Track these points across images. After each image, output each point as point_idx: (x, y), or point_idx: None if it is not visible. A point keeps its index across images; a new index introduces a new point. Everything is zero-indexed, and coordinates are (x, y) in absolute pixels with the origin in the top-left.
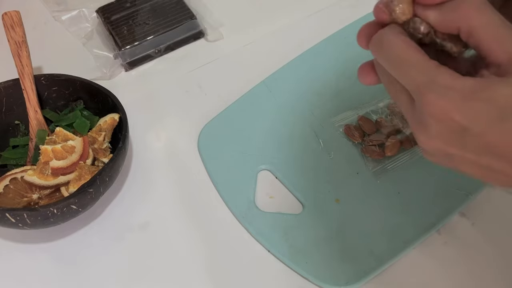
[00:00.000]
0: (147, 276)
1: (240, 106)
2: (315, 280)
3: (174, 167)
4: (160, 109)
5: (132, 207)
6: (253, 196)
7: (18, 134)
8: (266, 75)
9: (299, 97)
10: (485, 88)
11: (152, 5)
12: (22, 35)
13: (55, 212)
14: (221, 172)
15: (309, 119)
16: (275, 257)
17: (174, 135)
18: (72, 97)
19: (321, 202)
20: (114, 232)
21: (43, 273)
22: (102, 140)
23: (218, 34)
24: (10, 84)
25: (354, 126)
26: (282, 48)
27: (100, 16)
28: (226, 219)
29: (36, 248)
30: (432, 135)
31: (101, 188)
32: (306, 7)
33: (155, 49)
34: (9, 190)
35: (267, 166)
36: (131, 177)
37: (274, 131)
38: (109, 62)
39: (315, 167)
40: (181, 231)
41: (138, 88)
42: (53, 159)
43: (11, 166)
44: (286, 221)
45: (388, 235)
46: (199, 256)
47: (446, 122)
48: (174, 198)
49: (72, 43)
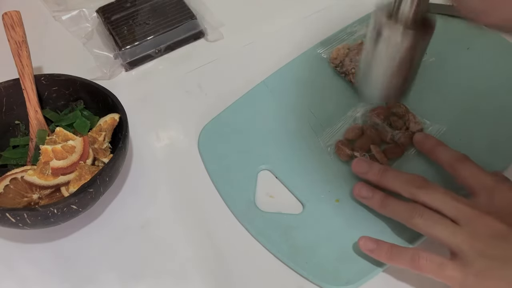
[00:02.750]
0: (147, 276)
1: (240, 106)
2: (315, 280)
3: (174, 167)
4: (160, 109)
5: (132, 207)
6: (253, 196)
7: (18, 134)
8: (266, 75)
9: (299, 97)
10: None
11: (152, 5)
12: (22, 35)
13: (55, 212)
14: (221, 172)
15: (309, 119)
16: (275, 257)
17: (174, 135)
18: (72, 97)
19: (321, 202)
20: (114, 232)
21: (43, 273)
22: (102, 140)
23: (218, 34)
24: (10, 84)
25: (341, 142)
26: (282, 48)
27: (100, 16)
28: (226, 219)
29: (36, 248)
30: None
31: (101, 188)
32: (306, 7)
33: (155, 49)
34: (9, 190)
35: (267, 166)
36: (131, 177)
37: (274, 131)
38: (109, 62)
39: (315, 167)
40: (181, 231)
41: (138, 88)
42: (53, 159)
43: (11, 166)
44: (286, 221)
45: (388, 235)
46: (199, 256)
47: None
48: (174, 198)
49: (72, 43)
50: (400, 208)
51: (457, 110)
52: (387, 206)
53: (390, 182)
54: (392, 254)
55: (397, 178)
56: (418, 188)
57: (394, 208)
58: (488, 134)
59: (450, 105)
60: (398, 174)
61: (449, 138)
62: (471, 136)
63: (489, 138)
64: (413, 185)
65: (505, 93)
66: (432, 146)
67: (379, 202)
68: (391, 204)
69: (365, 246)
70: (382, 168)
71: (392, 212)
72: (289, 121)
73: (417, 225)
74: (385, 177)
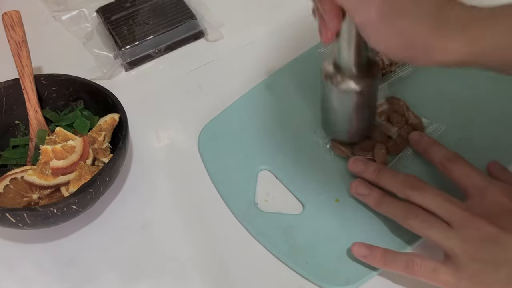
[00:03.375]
0: (147, 276)
1: (240, 106)
2: (315, 280)
3: (174, 167)
4: (160, 109)
5: (132, 207)
6: (253, 196)
7: (18, 134)
8: (266, 75)
9: (299, 97)
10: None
11: (152, 5)
12: (22, 35)
13: (55, 212)
14: (221, 172)
15: (309, 119)
16: (275, 257)
17: (174, 135)
18: (72, 97)
19: (321, 202)
20: (114, 232)
21: (43, 273)
22: (102, 140)
23: (218, 34)
24: (10, 84)
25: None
26: (282, 48)
27: (100, 16)
28: (226, 219)
29: (36, 248)
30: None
31: (101, 188)
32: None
33: (155, 49)
34: (9, 190)
35: (267, 166)
36: (131, 177)
37: (274, 131)
38: (109, 62)
39: (315, 167)
40: (181, 231)
41: (138, 88)
42: (53, 159)
43: (11, 166)
44: (286, 221)
45: (388, 235)
46: (199, 256)
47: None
48: (174, 198)
49: (72, 43)
50: (396, 208)
51: (457, 109)
52: (383, 205)
53: (385, 182)
54: (386, 260)
55: (392, 178)
56: (412, 189)
57: (390, 208)
58: (488, 133)
59: (450, 104)
60: (393, 174)
61: (449, 138)
62: (471, 135)
63: (489, 138)
64: (407, 186)
65: (505, 92)
66: (427, 145)
67: (375, 200)
68: (387, 203)
69: (359, 252)
70: (378, 167)
71: (387, 211)
72: (289, 121)
73: (411, 226)
74: (381, 177)
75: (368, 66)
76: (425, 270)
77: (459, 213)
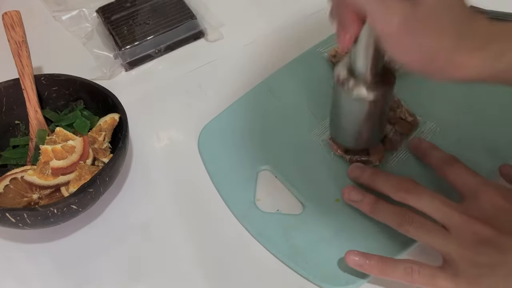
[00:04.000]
0: (147, 276)
1: (240, 106)
2: (315, 280)
3: (174, 167)
4: (160, 109)
5: (132, 207)
6: (253, 196)
7: (18, 134)
8: (266, 75)
9: (299, 97)
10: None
11: (152, 5)
12: (22, 35)
13: (55, 212)
14: (221, 172)
15: (309, 119)
16: (275, 257)
17: (174, 135)
18: (72, 97)
19: (321, 202)
20: (114, 232)
21: (43, 273)
22: (102, 140)
23: (218, 34)
24: (10, 84)
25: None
26: (282, 48)
27: (100, 16)
28: (226, 219)
29: (36, 248)
30: None
31: (101, 188)
32: (306, 7)
33: (155, 49)
34: (9, 190)
35: (267, 166)
36: (131, 177)
37: (274, 131)
38: (109, 62)
39: (315, 167)
40: (181, 231)
41: (138, 88)
42: (53, 159)
43: (11, 166)
44: (286, 221)
45: (388, 235)
46: (199, 256)
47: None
48: (174, 198)
49: (72, 43)
50: (390, 214)
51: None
52: (377, 211)
53: (381, 185)
54: (384, 269)
55: (387, 182)
56: (407, 193)
57: (385, 214)
58: (487, 133)
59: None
60: (388, 177)
61: (449, 137)
62: (470, 136)
63: (487, 138)
64: (402, 189)
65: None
66: (425, 149)
67: (369, 206)
68: (381, 209)
69: (353, 262)
70: (374, 171)
71: (382, 218)
72: (289, 121)
73: (407, 232)
74: (376, 180)
75: (383, 74)
76: (424, 278)
77: (456, 216)
